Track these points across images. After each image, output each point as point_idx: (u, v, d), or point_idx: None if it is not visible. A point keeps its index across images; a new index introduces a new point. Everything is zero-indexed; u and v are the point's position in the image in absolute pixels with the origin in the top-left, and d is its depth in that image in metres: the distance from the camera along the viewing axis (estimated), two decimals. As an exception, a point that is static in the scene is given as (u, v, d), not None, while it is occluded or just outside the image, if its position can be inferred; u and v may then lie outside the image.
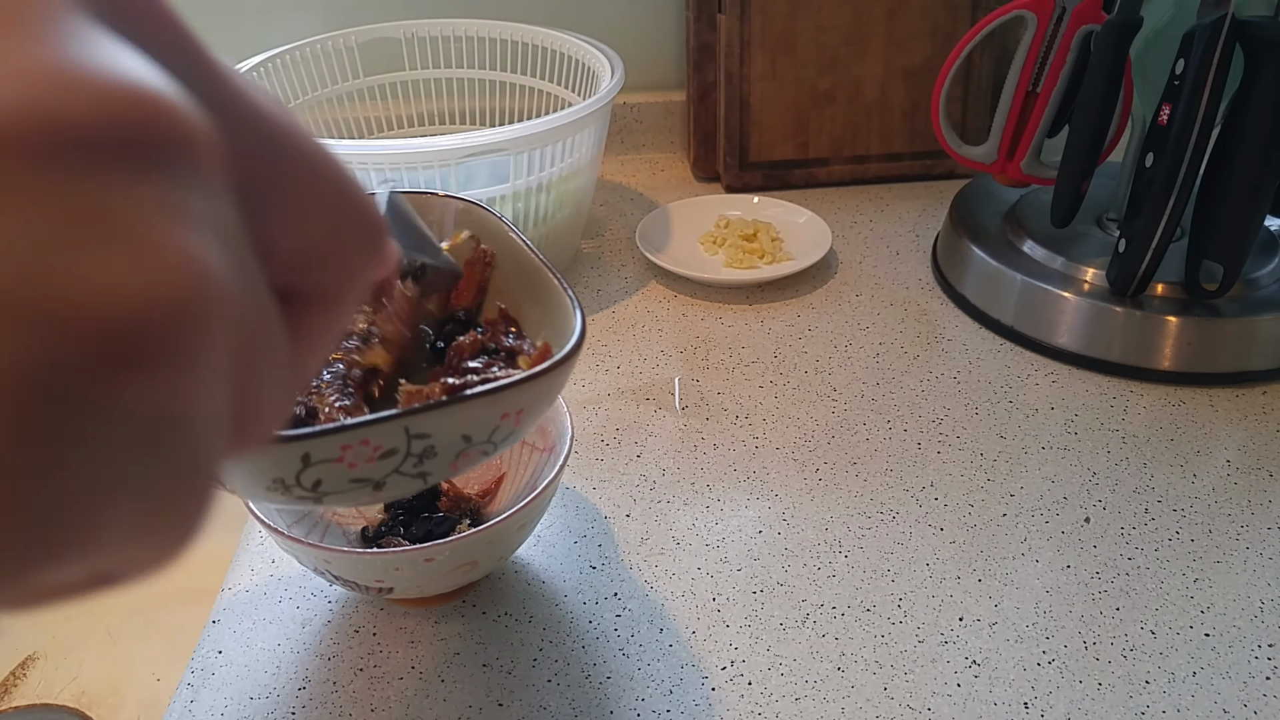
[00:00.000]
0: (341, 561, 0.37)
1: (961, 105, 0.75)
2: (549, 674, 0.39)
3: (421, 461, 0.23)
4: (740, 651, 0.39)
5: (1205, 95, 0.48)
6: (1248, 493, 0.47)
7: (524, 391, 0.23)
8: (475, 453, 0.24)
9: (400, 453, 0.22)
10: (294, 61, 0.68)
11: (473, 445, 0.23)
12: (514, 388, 0.23)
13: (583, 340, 0.25)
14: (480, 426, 0.23)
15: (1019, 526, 0.45)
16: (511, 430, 0.24)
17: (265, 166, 0.12)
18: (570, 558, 0.44)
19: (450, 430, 0.22)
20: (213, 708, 0.38)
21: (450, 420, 0.22)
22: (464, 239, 0.32)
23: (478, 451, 0.24)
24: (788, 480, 0.48)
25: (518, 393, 0.23)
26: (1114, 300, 0.55)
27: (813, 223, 0.68)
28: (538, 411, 0.25)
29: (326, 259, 0.14)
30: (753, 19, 0.72)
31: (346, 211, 0.14)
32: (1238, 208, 0.51)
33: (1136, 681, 0.38)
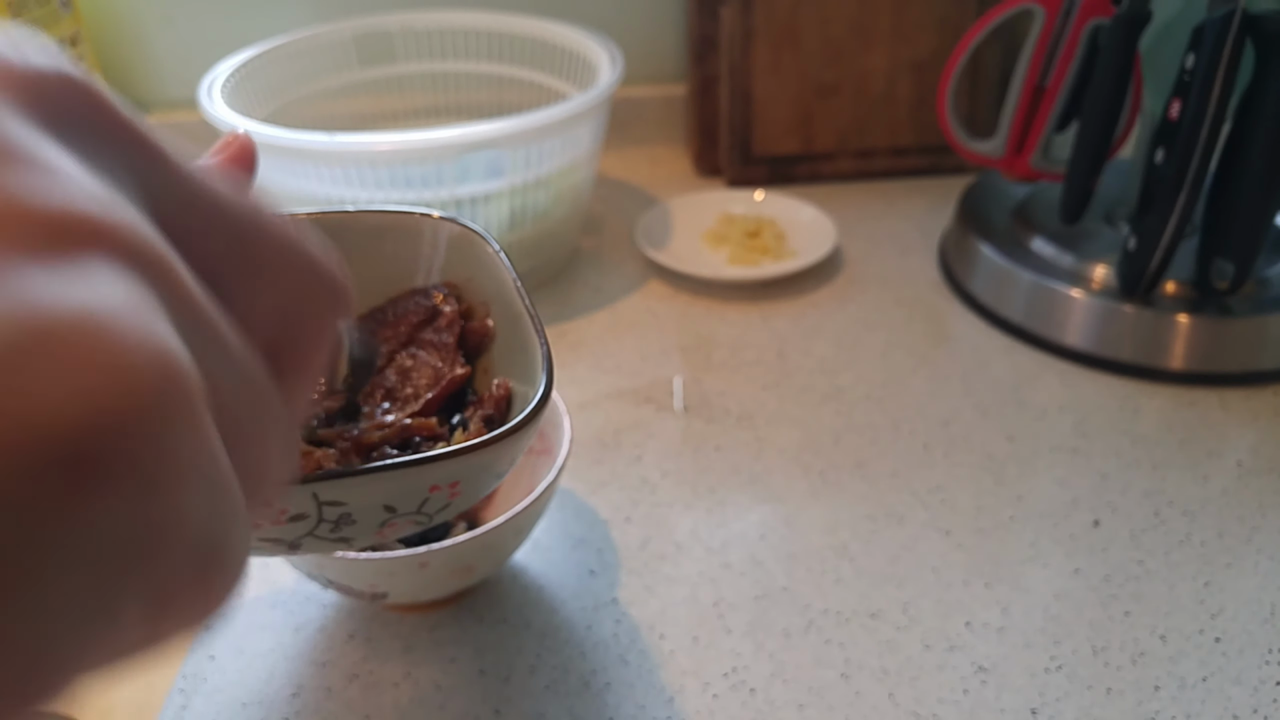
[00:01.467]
0: (335, 566, 0.36)
1: (969, 99, 0.74)
2: (547, 681, 0.38)
3: (339, 527, 0.21)
4: (743, 658, 0.39)
5: (1216, 90, 0.48)
6: (1259, 495, 0.46)
7: (454, 464, 0.21)
8: (405, 522, 0.22)
9: (311, 518, 0.20)
10: (287, 55, 0.67)
11: (399, 515, 0.21)
12: (439, 461, 0.20)
13: (541, 408, 0.23)
14: (404, 498, 0.21)
15: (1028, 530, 0.44)
16: (448, 502, 0.22)
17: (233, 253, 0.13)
18: (569, 563, 0.43)
19: (367, 499, 0.21)
20: (204, 714, 0.37)
21: (364, 490, 0.20)
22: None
23: (408, 521, 0.22)
24: (792, 483, 0.47)
25: (446, 465, 0.21)
26: (1124, 299, 0.54)
27: (817, 219, 0.67)
28: (482, 483, 0.23)
29: (299, 316, 0.15)
30: (756, 10, 0.71)
31: (310, 270, 0.15)
32: (1249, 204, 0.50)
33: (1146, 687, 0.37)
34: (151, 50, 0.77)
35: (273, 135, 0.52)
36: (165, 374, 0.10)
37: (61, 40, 0.69)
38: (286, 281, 0.14)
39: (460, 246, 0.30)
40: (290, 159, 0.54)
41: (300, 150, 0.52)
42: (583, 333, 0.59)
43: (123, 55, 0.77)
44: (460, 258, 0.30)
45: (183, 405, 0.10)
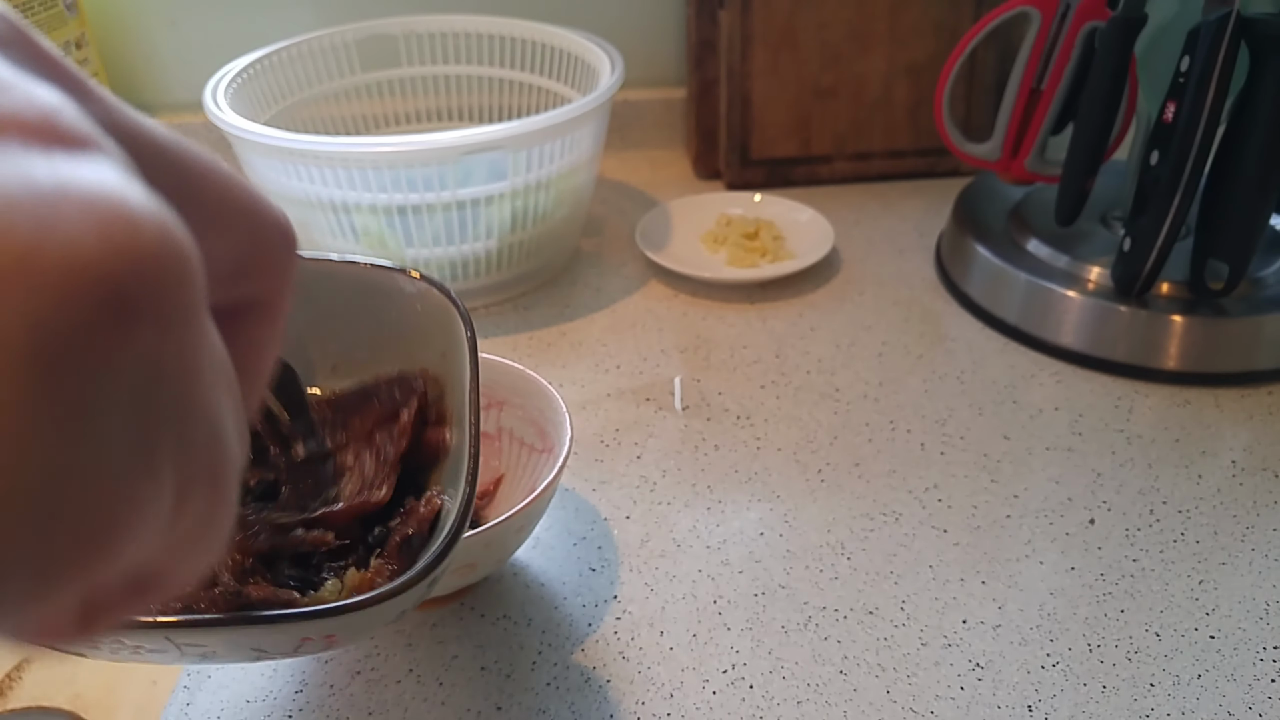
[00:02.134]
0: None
1: (965, 102, 0.75)
2: (548, 677, 0.38)
3: (206, 658, 0.21)
4: (742, 655, 0.39)
5: (1210, 92, 0.48)
6: (1253, 494, 0.47)
7: (325, 622, 0.20)
8: (280, 657, 0.21)
9: (173, 653, 0.20)
10: (289, 58, 0.67)
11: (270, 654, 0.21)
12: (306, 620, 0.19)
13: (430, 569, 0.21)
14: (273, 644, 0.20)
15: (1023, 528, 0.45)
16: (325, 646, 0.21)
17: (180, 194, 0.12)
18: (569, 560, 0.44)
19: (227, 644, 0.20)
20: (208, 711, 0.37)
21: (220, 638, 0.19)
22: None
23: (282, 656, 0.21)
24: (790, 481, 0.48)
25: (315, 624, 0.19)
26: (1119, 299, 0.55)
27: (815, 221, 0.68)
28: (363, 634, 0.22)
29: (256, 265, 0.14)
30: (754, 14, 0.71)
31: (259, 215, 0.14)
32: (1243, 206, 0.50)
33: (1141, 684, 0.38)
34: (156, 53, 0.78)
35: (276, 137, 0.53)
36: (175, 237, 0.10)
37: (67, 43, 0.69)
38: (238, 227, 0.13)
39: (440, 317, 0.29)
40: (294, 161, 0.54)
41: (304, 153, 0.53)
42: (583, 333, 0.60)
43: (128, 58, 0.78)
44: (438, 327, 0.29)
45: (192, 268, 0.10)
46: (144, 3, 0.76)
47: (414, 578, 0.20)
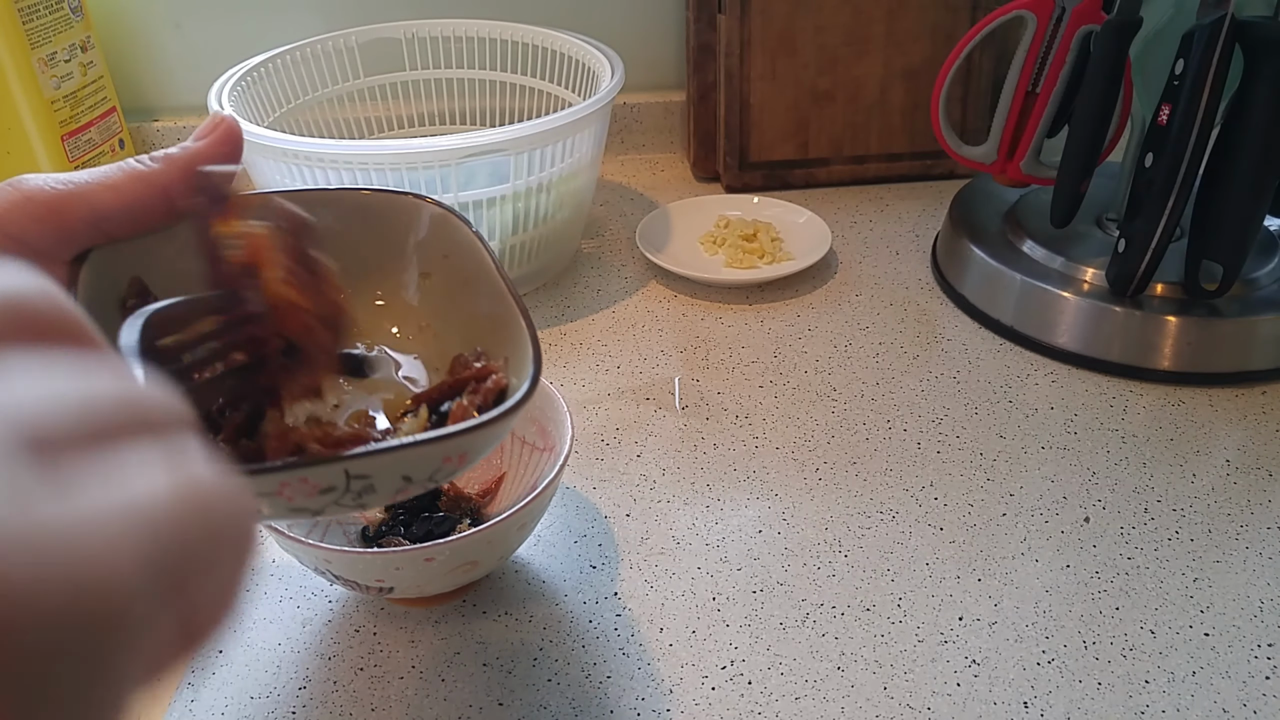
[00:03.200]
0: (342, 561, 0.37)
1: (961, 105, 0.75)
2: (549, 673, 0.39)
3: (360, 496, 0.23)
4: (740, 651, 0.39)
5: (1205, 95, 0.48)
6: (1247, 492, 0.47)
7: (469, 438, 0.23)
8: (415, 488, 0.24)
9: (339, 489, 0.22)
10: (294, 61, 0.68)
11: (413, 484, 0.23)
12: (459, 435, 0.23)
13: (535, 386, 0.25)
14: (421, 469, 0.23)
15: (1018, 526, 0.45)
16: (453, 470, 0.24)
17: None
18: (570, 557, 0.44)
19: (390, 472, 0.23)
20: (213, 707, 0.38)
21: (391, 464, 0.22)
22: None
23: (418, 487, 0.24)
24: (788, 480, 0.48)
25: (462, 440, 0.23)
26: (1113, 300, 0.55)
27: (812, 223, 0.68)
28: (482, 454, 0.25)
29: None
30: (753, 19, 0.72)
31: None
32: (1237, 208, 0.51)
33: (1136, 681, 0.38)
34: (161, 56, 0.78)
35: (281, 140, 0.53)
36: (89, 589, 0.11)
37: (72, 46, 0.70)
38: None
39: (440, 226, 0.30)
40: (298, 164, 0.54)
41: (308, 155, 0.53)
42: (584, 333, 0.60)
43: (133, 61, 0.78)
44: (438, 237, 0.31)
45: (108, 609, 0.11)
46: (149, 6, 0.76)
47: (528, 391, 0.24)
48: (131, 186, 0.24)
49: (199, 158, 0.25)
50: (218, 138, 0.25)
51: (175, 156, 0.25)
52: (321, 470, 0.21)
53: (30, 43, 0.66)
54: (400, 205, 0.30)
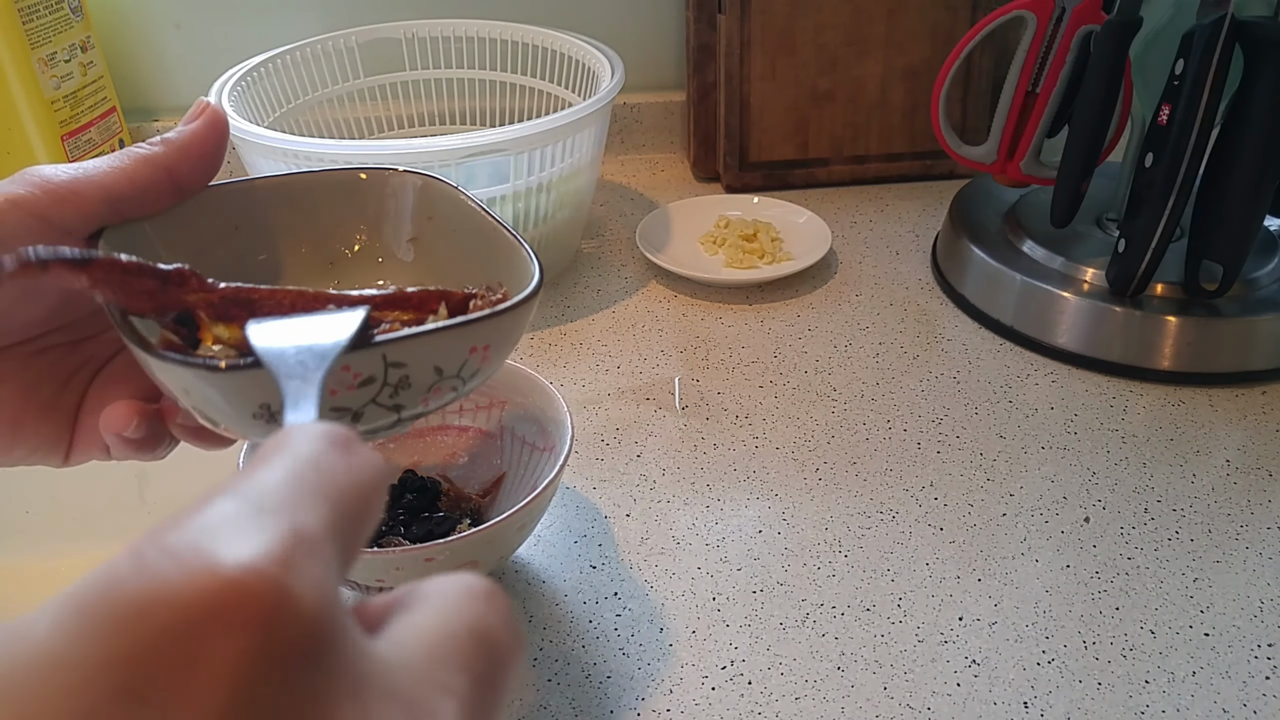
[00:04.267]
0: (342, 561, 0.37)
1: (961, 105, 0.75)
2: (549, 673, 0.39)
3: (397, 392, 0.24)
4: (740, 651, 0.39)
5: (1205, 95, 0.48)
6: (1247, 492, 0.47)
7: (490, 326, 0.25)
8: (445, 388, 0.25)
9: (378, 381, 0.23)
10: (294, 61, 0.68)
11: (443, 379, 0.25)
12: (482, 322, 0.24)
13: (541, 284, 0.27)
14: (450, 359, 0.25)
15: (1018, 526, 0.45)
16: (478, 367, 0.26)
17: None
18: (570, 557, 0.44)
19: (424, 360, 0.24)
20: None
21: (425, 349, 0.24)
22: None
23: (448, 387, 0.25)
24: (787, 480, 0.48)
25: (485, 327, 0.24)
26: (1113, 300, 0.55)
27: (812, 223, 0.68)
28: (502, 350, 0.26)
29: None
30: (753, 19, 0.72)
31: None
32: (1237, 208, 0.51)
33: (1136, 681, 0.38)
34: (162, 56, 0.78)
35: (281, 140, 0.53)
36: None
37: (72, 46, 0.70)
38: None
39: (424, 200, 0.32)
40: (297, 163, 0.54)
41: (308, 155, 0.53)
42: (584, 333, 0.60)
43: (133, 61, 0.78)
44: (422, 204, 0.32)
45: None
46: (150, 6, 0.76)
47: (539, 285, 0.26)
48: (138, 168, 0.26)
49: (193, 138, 0.27)
50: (204, 122, 0.27)
51: (173, 138, 0.27)
52: (362, 356, 0.22)
53: (30, 43, 0.66)
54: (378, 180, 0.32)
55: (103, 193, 0.25)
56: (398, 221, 0.32)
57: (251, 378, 0.22)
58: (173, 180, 0.27)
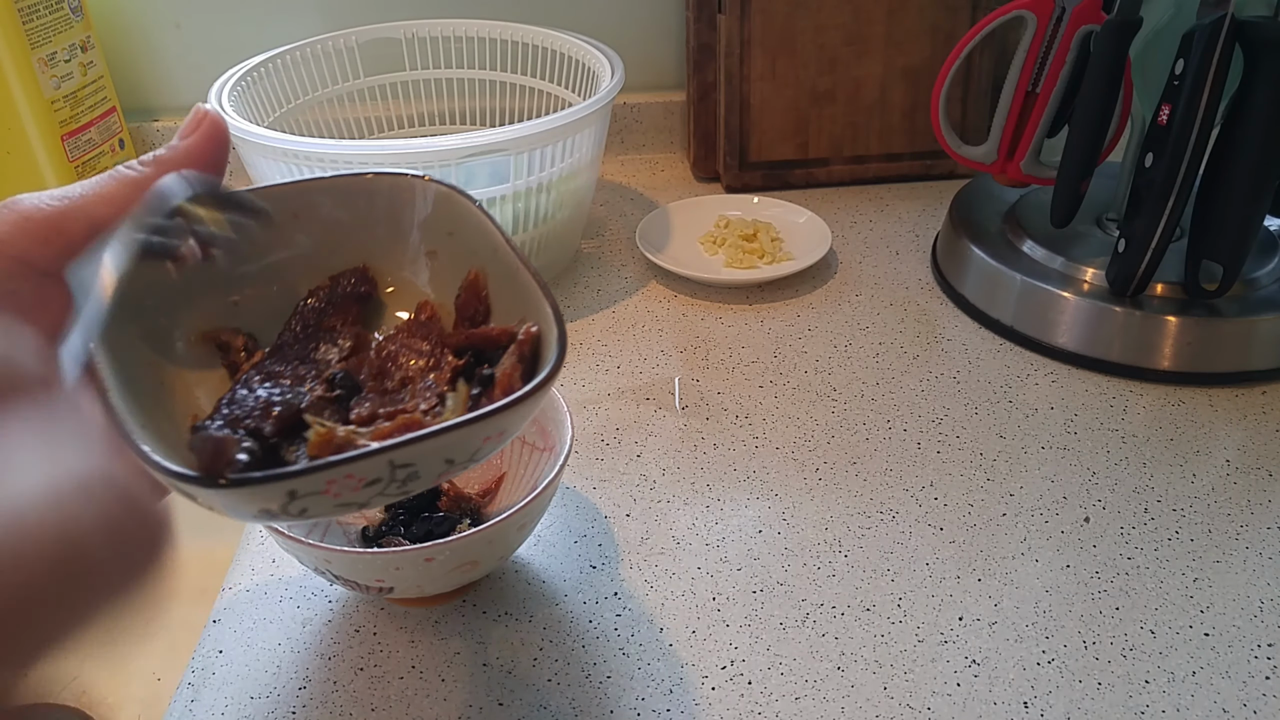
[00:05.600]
0: (342, 561, 0.37)
1: (961, 105, 0.75)
2: (549, 673, 0.39)
3: (405, 484, 0.23)
4: (740, 651, 0.39)
5: (1205, 95, 0.48)
6: (1247, 492, 0.47)
7: (509, 415, 0.23)
8: (456, 470, 0.24)
9: (384, 480, 0.22)
10: (294, 61, 0.68)
11: (455, 465, 0.24)
12: (499, 413, 0.23)
13: (564, 356, 0.25)
14: (463, 450, 0.23)
15: (1018, 526, 0.45)
16: (492, 448, 0.24)
17: None
18: (570, 557, 0.44)
19: (434, 457, 0.23)
20: (213, 707, 0.38)
21: (435, 449, 0.22)
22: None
23: (459, 468, 0.24)
24: (787, 480, 0.48)
25: (503, 417, 0.23)
26: (1113, 300, 0.55)
27: (812, 223, 0.68)
28: (518, 430, 0.25)
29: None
30: (753, 19, 0.72)
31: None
32: (1237, 208, 0.51)
33: (1136, 681, 0.38)
34: (162, 56, 0.78)
35: (281, 140, 0.53)
36: None
37: (72, 46, 0.70)
38: None
39: (443, 205, 0.30)
40: (298, 164, 0.54)
41: (308, 155, 0.53)
42: (584, 333, 0.60)
43: (133, 61, 0.78)
44: (442, 215, 0.30)
45: None
46: (149, 6, 0.76)
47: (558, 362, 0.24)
48: (126, 194, 0.24)
49: (188, 157, 0.25)
50: (203, 134, 0.25)
51: (165, 158, 0.24)
52: (367, 464, 0.21)
53: (30, 43, 0.66)
54: (401, 186, 0.30)
55: (89, 227, 0.23)
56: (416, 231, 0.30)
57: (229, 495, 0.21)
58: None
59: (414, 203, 0.30)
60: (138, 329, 0.25)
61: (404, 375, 0.28)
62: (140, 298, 0.25)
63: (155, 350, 0.26)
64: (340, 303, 0.29)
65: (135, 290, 0.24)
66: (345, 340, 0.29)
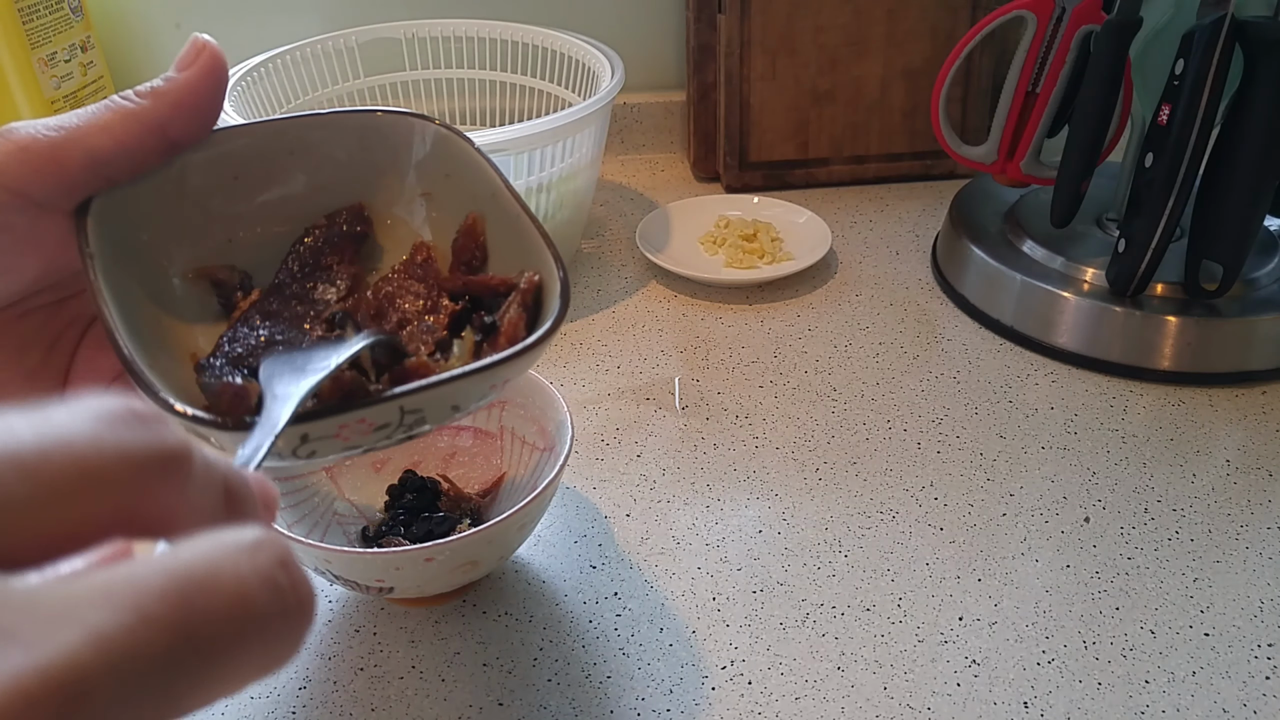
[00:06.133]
0: (342, 561, 0.37)
1: (961, 105, 0.75)
2: (549, 673, 0.39)
3: (411, 429, 0.24)
4: (740, 651, 0.39)
5: (1205, 95, 0.48)
6: (1247, 492, 0.47)
7: (514, 365, 0.24)
8: (460, 415, 0.25)
9: (392, 425, 0.23)
10: (294, 61, 0.68)
11: (459, 412, 0.24)
12: (506, 362, 0.23)
13: (568, 304, 0.25)
14: (469, 397, 0.24)
15: (1018, 526, 0.45)
16: (494, 395, 0.25)
17: None
18: (570, 557, 0.44)
19: (442, 403, 0.23)
20: (213, 707, 0.38)
21: (444, 396, 0.23)
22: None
23: (462, 414, 0.25)
24: (788, 480, 0.48)
25: (508, 366, 0.23)
26: (1113, 300, 0.55)
27: (812, 223, 0.68)
28: (519, 378, 0.26)
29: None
30: (753, 19, 0.72)
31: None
32: (1237, 208, 0.51)
33: (1136, 681, 0.38)
34: (162, 56, 0.78)
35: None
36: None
37: (72, 46, 0.70)
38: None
39: (441, 154, 0.29)
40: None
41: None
42: (584, 333, 0.60)
43: (133, 61, 0.78)
44: (439, 156, 0.29)
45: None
46: (149, 6, 0.76)
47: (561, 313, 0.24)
48: (125, 126, 0.23)
49: (187, 89, 0.23)
50: (201, 67, 0.24)
51: (163, 90, 0.23)
52: (379, 409, 0.22)
53: (30, 43, 0.66)
54: (399, 125, 0.29)
55: (87, 158, 0.22)
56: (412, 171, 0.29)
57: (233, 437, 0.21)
58: (165, 139, 0.23)
59: (411, 142, 0.29)
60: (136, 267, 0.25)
61: (401, 317, 0.28)
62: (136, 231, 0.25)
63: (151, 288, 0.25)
64: (337, 242, 0.29)
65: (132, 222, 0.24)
66: (343, 280, 0.28)
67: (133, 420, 0.13)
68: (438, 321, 0.27)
